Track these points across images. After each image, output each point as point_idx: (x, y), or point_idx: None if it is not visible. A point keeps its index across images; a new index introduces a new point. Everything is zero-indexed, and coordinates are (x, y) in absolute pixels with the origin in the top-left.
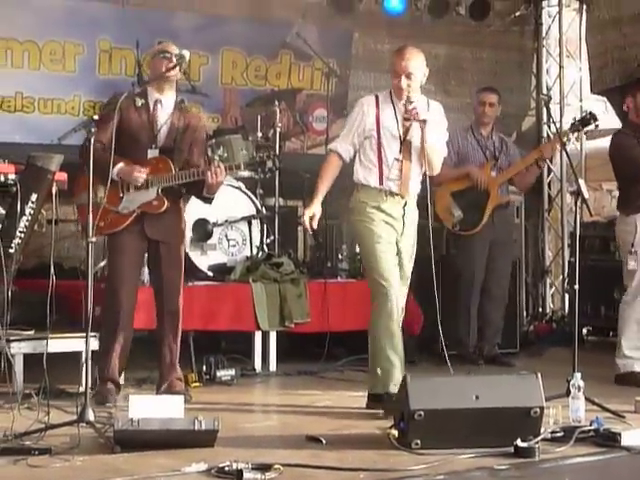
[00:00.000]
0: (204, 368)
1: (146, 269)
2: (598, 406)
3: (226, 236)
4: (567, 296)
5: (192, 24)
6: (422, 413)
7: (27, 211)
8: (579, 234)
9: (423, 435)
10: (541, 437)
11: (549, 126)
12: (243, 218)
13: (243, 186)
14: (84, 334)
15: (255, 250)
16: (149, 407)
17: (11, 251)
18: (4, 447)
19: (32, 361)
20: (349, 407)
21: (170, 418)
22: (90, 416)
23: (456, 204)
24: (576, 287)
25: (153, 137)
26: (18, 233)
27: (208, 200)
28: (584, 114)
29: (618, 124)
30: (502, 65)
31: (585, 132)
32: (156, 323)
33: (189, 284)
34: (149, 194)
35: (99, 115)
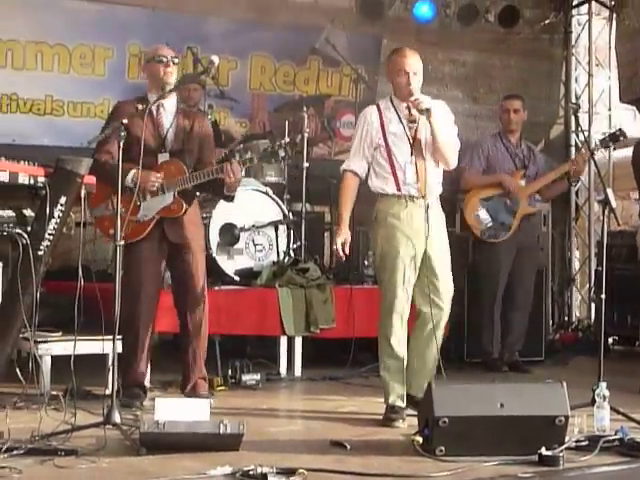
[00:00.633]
0: (229, 372)
1: (168, 273)
2: (623, 415)
3: (253, 241)
4: (593, 305)
5: (222, 29)
6: (447, 420)
7: (56, 214)
8: (606, 243)
9: (447, 442)
10: (566, 446)
11: (577, 135)
12: (270, 223)
13: (270, 191)
14: (111, 336)
15: (282, 255)
16: (175, 410)
17: (40, 253)
18: (31, 447)
19: (59, 363)
20: (374, 413)
21: (196, 421)
22: (116, 418)
23: (485, 211)
24: (602, 296)
25: (161, 141)
26: (47, 235)
27: (229, 198)
28: (614, 130)
29: None
30: (531, 73)
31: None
32: (180, 325)
33: (215, 288)
34: (166, 199)
35: (105, 129)
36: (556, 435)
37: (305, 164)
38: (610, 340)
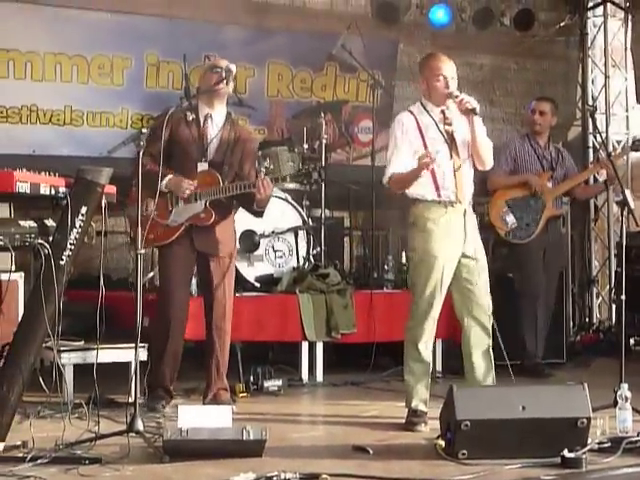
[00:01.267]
0: (251, 378)
1: (195, 280)
2: None
3: (273, 247)
4: (614, 306)
5: (238, 37)
6: (468, 423)
7: (77, 224)
8: (626, 244)
9: (470, 445)
10: (588, 448)
11: (595, 136)
12: (290, 229)
13: (289, 197)
14: (133, 345)
15: (302, 261)
16: (198, 417)
17: (62, 263)
18: (55, 456)
19: (82, 371)
20: (395, 417)
21: (218, 428)
22: (139, 426)
23: (511, 212)
24: (623, 297)
25: (203, 151)
26: (68, 245)
27: (259, 214)
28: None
29: None
30: (547, 75)
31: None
32: (206, 334)
33: (236, 295)
34: (197, 207)
35: (149, 129)
36: (578, 437)
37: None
38: (631, 341)
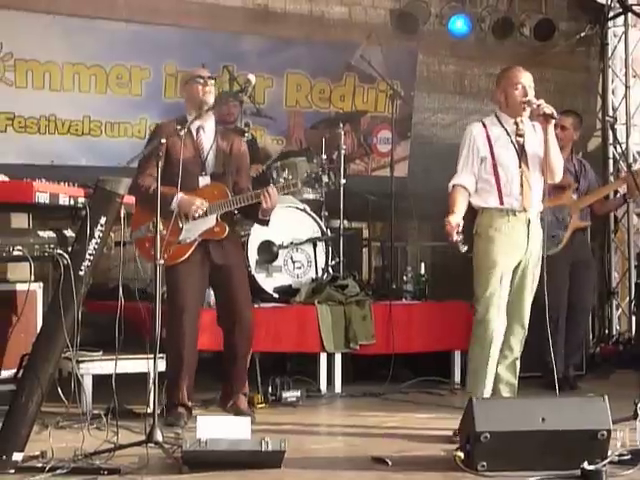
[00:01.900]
0: (270, 389)
1: (211, 291)
2: None
3: (291, 258)
4: (634, 318)
5: (257, 47)
6: (488, 435)
7: (96, 234)
8: None
9: (489, 457)
10: (608, 460)
11: (615, 147)
12: (308, 240)
13: (308, 208)
14: (152, 355)
15: (320, 272)
16: (217, 428)
17: (81, 273)
18: (74, 467)
19: (101, 382)
20: (415, 428)
21: (237, 439)
22: (158, 436)
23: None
24: None
25: (202, 164)
26: (87, 256)
27: (265, 223)
28: None
29: None
30: (567, 86)
31: None
32: (224, 344)
33: (255, 306)
34: (209, 221)
35: (144, 150)
36: (598, 449)
37: (342, 180)
38: None
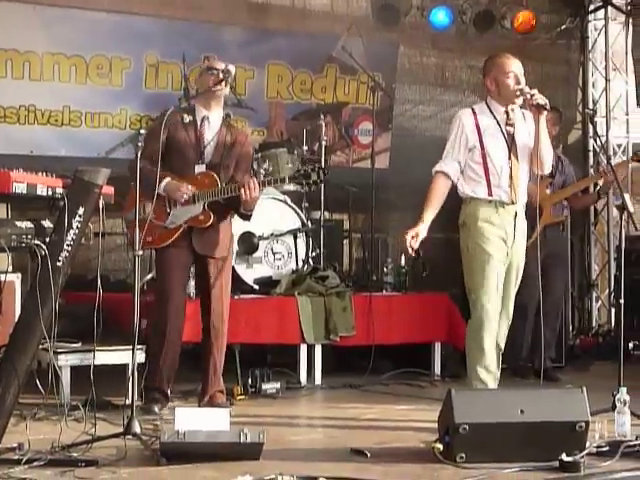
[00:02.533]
0: (250, 381)
1: (192, 282)
2: None
3: (272, 249)
4: (613, 310)
5: (238, 38)
6: (467, 427)
7: (74, 225)
8: (625, 248)
9: (468, 449)
10: (586, 451)
11: (595, 140)
12: (289, 231)
13: (289, 199)
14: (130, 347)
15: (301, 263)
16: (195, 419)
17: (59, 264)
18: (51, 458)
19: (79, 373)
20: (394, 420)
21: (216, 430)
22: (136, 428)
23: None
24: (622, 301)
25: (200, 153)
26: (66, 246)
27: (246, 217)
28: None
29: None
30: (548, 78)
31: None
32: (202, 336)
33: (235, 297)
34: (195, 209)
35: (146, 131)
36: (577, 441)
37: None
38: (630, 345)
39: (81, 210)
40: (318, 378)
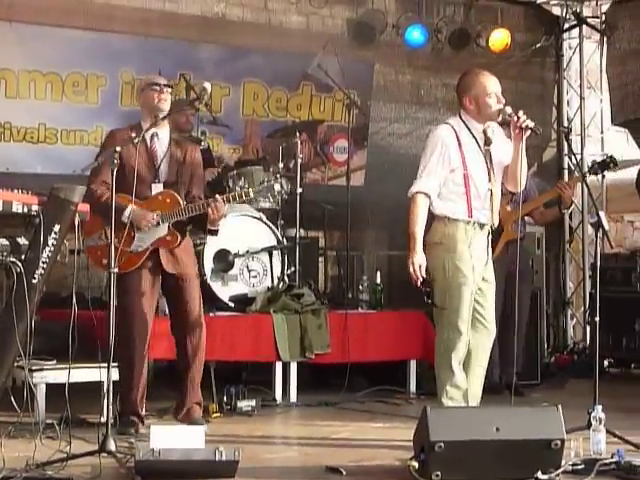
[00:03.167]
0: (225, 398)
1: (164, 299)
2: (619, 438)
3: (247, 267)
4: (588, 328)
5: (214, 56)
6: (442, 444)
7: (50, 242)
8: (600, 265)
9: (443, 467)
10: (562, 469)
11: (570, 158)
12: (264, 249)
13: (264, 217)
14: (105, 364)
15: (276, 281)
16: (170, 437)
17: (34, 281)
18: (26, 476)
19: (54, 391)
20: (369, 438)
21: (191, 448)
22: (111, 446)
23: None
24: (597, 319)
25: (155, 171)
26: (41, 264)
27: (213, 232)
28: (605, 158)
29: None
30: (523, 96)
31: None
32: (177, 352)
33: (210, 314)
34: (161, 230)
35: (98, 155)
36: (552, 459)
37: (299, 189)
38: (605, 362)
39: (57, 227)
40: (293, 396)
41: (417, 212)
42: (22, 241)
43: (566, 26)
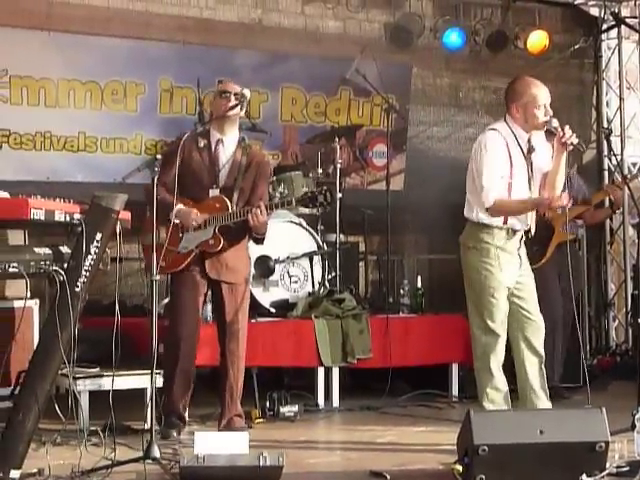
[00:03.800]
0: (267, 404)
1: (209, 306)
2: None
3: (288, 272)
4: (630, 329)
5: (252, 62)
6: (486, 448)
7: (92, 250)
8: None
9: (487, 470)
10: (606, 472)
11: (610, 159)
12: (305, 254)
13: (304, 222)
14: (149, 371)
15: (317, 286)
16: (214, 443)
17: (77, 289)
18: None
19: (98, 398)
20: (412, 443)
21: (235, 454)
22: (156, 453)
23: None
24: (639, 320)
25: (215, 177)
26: (83, 272)
27: (259, 241)
28: None
29: None
30: (562, 98)
31: None
32: (220, 360)
33: (252, 321)
34: (206, 233)
35: (162, 156)
36: (597, 461)
37: (338, 195)
38: None
39: (99, 235)
40: (336, 401)
41: (509, 204)
42: (64, 250)
43: (604, 27)
